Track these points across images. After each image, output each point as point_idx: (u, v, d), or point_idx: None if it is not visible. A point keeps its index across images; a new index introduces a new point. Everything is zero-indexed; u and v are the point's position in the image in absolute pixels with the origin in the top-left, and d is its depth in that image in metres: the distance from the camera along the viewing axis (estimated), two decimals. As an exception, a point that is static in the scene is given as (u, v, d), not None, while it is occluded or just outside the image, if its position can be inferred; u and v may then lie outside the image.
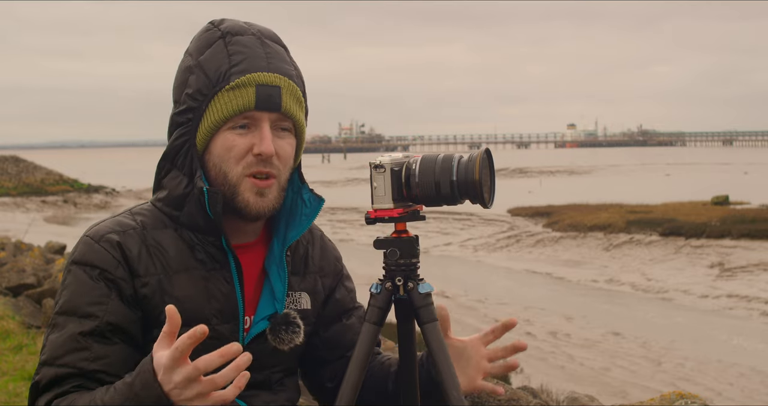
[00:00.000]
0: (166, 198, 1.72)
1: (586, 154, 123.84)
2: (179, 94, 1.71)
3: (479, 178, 1.67)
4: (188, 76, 1.69)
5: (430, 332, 1.73)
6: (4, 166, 51.93)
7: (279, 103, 1.67)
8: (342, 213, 33.10)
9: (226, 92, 1.65)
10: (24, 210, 37.70)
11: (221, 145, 1.68)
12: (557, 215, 27.27)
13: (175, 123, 1.71)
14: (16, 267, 9.15)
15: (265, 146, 1.66)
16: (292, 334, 1.73)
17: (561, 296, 16.19)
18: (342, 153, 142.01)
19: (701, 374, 10.78)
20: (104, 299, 1.63)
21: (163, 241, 1.70)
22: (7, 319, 7.40)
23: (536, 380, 9.67)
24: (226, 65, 1.66)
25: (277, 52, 1.72)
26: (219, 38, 1.69)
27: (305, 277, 1.85)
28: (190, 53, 1.72)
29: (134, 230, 1.69)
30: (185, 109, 1.69)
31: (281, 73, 1.69)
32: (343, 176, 65.00)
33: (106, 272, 1.65)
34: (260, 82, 1.66)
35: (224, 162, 1.68)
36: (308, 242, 1.90)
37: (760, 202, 29.02)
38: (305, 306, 1.83)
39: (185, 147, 1.69)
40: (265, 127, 1.67)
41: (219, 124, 1.67)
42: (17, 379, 5.88)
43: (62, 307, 1.65)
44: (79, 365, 1.60)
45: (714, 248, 20.56)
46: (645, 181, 50.99)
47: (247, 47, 1.68)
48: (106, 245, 1.66)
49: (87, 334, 1.61)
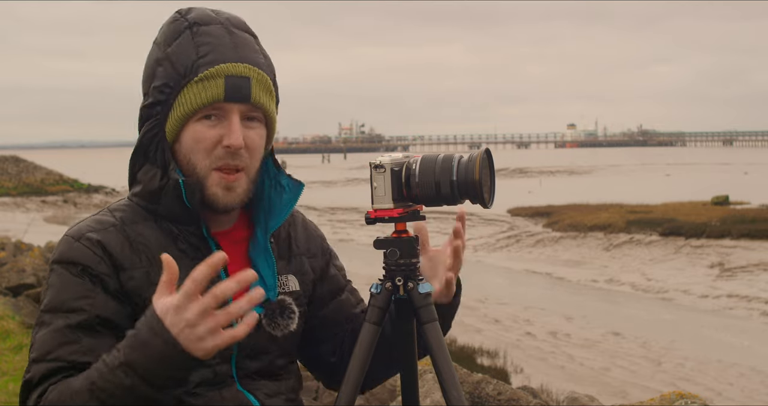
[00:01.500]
0: (142, 192, 1.71)
1: (586, 154, 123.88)
2: (147, 86, 1.69)
3: (479, 178, 1.67)
4: (156, 68, 1.68)
5: (430, 332, 1.73)
6: (4, 166, 51.96)
7: (248, 94, 1.65)
8: (342, 213, 33.10)
9: (195, 84, 1.64)
10: (24, 210, 37.71)
11: (190, 137, 1.66)
12: (557, 215, 27.28)
13: (144, 116, 1.70)
14: (16, 267, 9.15)
15: (234, 138, 1.64)
16: (287, 319, 1.72)
17: (561, 296, 16.19)
18: (342, 153, 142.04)
19: (701, 374, 10.78)
20: (90, 293, 1.62)
21: (145, 233, 1.69)
22: (7, 319, 7.41)
23: (536, 380, 9.67)
24: (193, 57, 1.64)
25: (245, 40, 1.70)
26: (186, 28, 1.67)
27: (291, 259, 1.84)
28: (158, 44, 1.70)
29: (114, 227, 1.68)
30: (153, 102, 1.67)
31: (250, 62, 1.67)
32: (343, 176, 65.01)
33: (89, 268, 1.63)
34: (229, 73, 1.64)
35: (193, 154, 1.66)
36: (290, 224, 1.88)
37: (760, 202, 29.02)
38: (293, 288, 1.82)
39: (156, 140, 1.68)
40: (234, 119, 1.66)
41: (188, 115, 1.65)
42: (17, 379, 5.89)
43: (47, 305, 1.63)
44: (70, 358, 1.58)
45: (714, 248, 20.56)
46: (645, 181, 51.01)
47: (215, 37, 1.66)
48: (86, 242, 1.65)
49: (75, 327, 1.60)
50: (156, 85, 1.67)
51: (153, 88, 1.67)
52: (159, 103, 1.67)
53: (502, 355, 11.34)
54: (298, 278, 1.84)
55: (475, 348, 11.56)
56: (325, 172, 71.19)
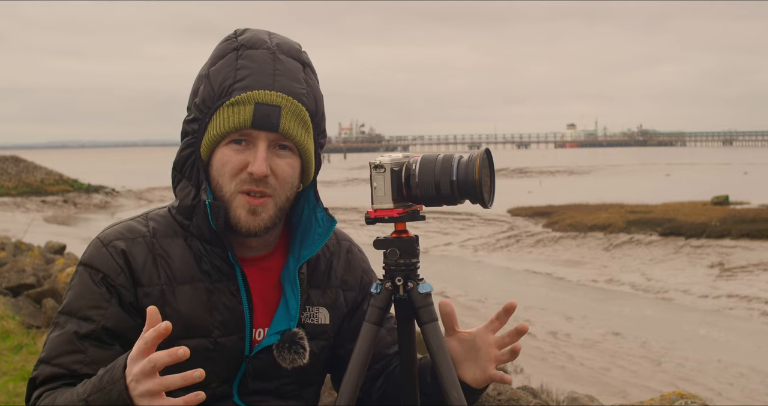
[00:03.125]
0: (179, 207, 1.73)
1: (586, 154, 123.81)
2: (190, 101, 1.72)
3: (479, 178, 1.67)
4: (199, 85, 1.70)
5: (430, 332, 1.73)
6: (4, 166, 51.90)
7: (277, 123, 1.65)
8: (342, 213, 33.09)
9: (227, 107, 1.64)
10: (24, 210, 37.68)
11: (219, 159, 1.67)
12: (557, 215, 27.26)
13: (185, 131, 1.72)
14: (16, 267, 9.15)
15: (257, 166, 1.65)
16: (294, 354, 1.72)
17: (561, 296, 16.18)
18: (342, 153, 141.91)
19: (701, 374, 10.78)
20: (104, 303, 1.66)
21: (171, 250, 1.71)
22: (7, 319, 7.41)
23: (536, 380, 9.67)
24: (231, 79, 1.65)
25: (289, 69, 1.68)
26: (233, 50, 1.68)
27: (326, 291, 1.84)
28: (208, 61, 1.72)
29: (143, 238, 1.71)
30: (192, 118, 1.70)
31: (285, 92, 1.66)
32: (343, 176, 64.99)
33: (108, 277, 1.67)
34: (260, 100, 1.64)
35: (221, 176, 1.67)
36: (333, 253, 1.88)
37: (760, 202, 29.01)
38: (323, 321, 1.82)
39: (191, 158, 1.70)
40: (260, 146, 1.66)
41: (218, 138, 1.66)
42: (17, 379, 5.88)
43: (65, 307, 1.69)
44: (72, 367, 1.64)
45: (714, 248, 20.55)
46: (645, 181, 50.97)
47: (256, 62, 1.66)
48: (111, 250, 1.69)
49: (84, 337, 1.65)
50: (196, 103, 1.69)
51: (194, 105, 1.69)
52: (197, 121, 1.69)
53: (502, 355, 11.32)
54: (330, 312, 1.84)
55: (475, 348, 11.54)
56: (325, 172, 71.16)
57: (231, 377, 1.73)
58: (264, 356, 1.74)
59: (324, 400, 4.76)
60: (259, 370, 1.74)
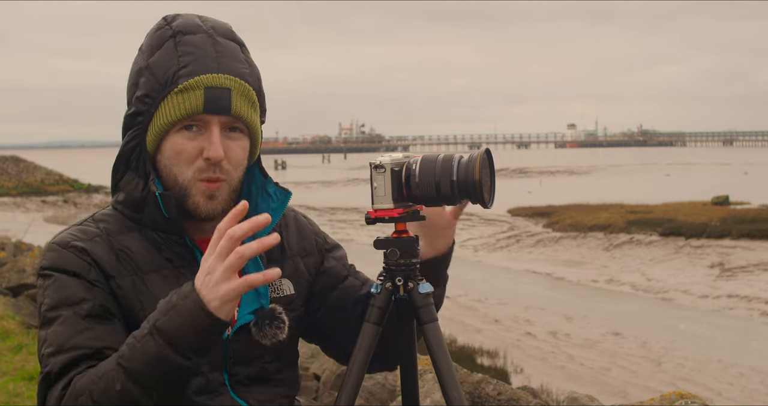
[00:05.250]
0: (126, 201, 1.70)
1: (586, 154, 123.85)
2: (131, 95, 1.68)
3: (479, 178, 1.67)
4: (139, 78, 1.67)
5: (430, 332, 1.73)
6: (4, 166, 51.93)
7: (228, 105, 1.64)
8: (342, 213, 33.10)
9: (174, 95, 1.62)
10: (24, 210, 37.71)
11: (171, 148, 1.65)
12: (557, 215, 27.28)
13: (127, 124, 1.69)
14: (16, 267, 9.15)
15: (213, 151, 1.64)
16: (275, 329, 1.70)
17: (561, 296, 16.19)
18: (342, 153, 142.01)
19: (701, 374, 10.78)
20: (88, 287, 1.62)
21: (129, 244, 1.68)
22: (7, 319, 7.41)
23: (536, 380, 9.67)
24: (174, 67, 1.63)
25: (229, 50, 1.68)
26: (170, 37, 1.66)
27: (284, 263, 1.83)
28: (142, 52, 1.69)
29: (99, 237, 1.68)
30: (135, 112, 1.67)
31: (232, 73, 1.65)
32: (343, 176, 65.02)
33: (79, 274, 1.63)
34: (209, 84, 1.62)
35: (174, 165, 1.66)
36: (281, 226, 1.87)
37: (760, 202, 29.03)
38: (288, 292, 1.81)
39: (137, 149, 1.68)
40: (214, 131, 1.65)
41: (168, 127, 1.64)
42: (17, 379, 5.88)
43: (50, 303, 1.61)
44: (89, 344, 1.55)
45: (714, 248, 20.56)
46: (645, 181, 51.00)
47: (197, 47, 1.65)
48: (73, 250, 1.64)
49: (86, 316, 1.59)
50: (138, 96, 1.66)
51: (135, 98, 1.66)
52: (141, 114, 1.66)
53: (502, 355, 11.35)
54: (293, 282, 1.83)
55: (475, 348, 11.57)
56: (325, 172, 71.11)
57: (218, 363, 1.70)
58: (241, 338, 1.72)
59: (324, 400, 4.77)
60: (239, 353, 1.72)
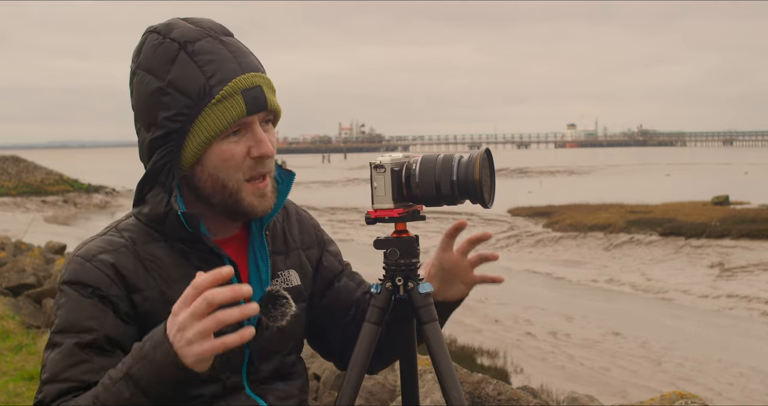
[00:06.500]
0: (150, 213, 1.69)
1: (586, 154, 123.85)
2: (154, 117, 1.64)
3: (479, 178, 1.67)
4: (160, 98, 1.63)
5: (430, 332, 1.73)
6: (4, 166, 51.91)
7: (264, 102, 1.65)
8: (342, 213, 33.09)
9: (214, 106, 1.61)
10: (24, 210, 37.70)
11: (218, 157, 1.65)
12: (557, 215, 27.27)
13: (154, 146, 1.66)
14: (16, 267, 9.15)
15: (265, 148, 1.65)
16: (281, 307, 1.72)
17: (561, 296, 16.19)
18: (342, 153, 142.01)
19: (701, 374, 10.78)
20: (100, 313, 1.61)
21: (156, 253, 1.68)
22: (7, 319, 7.41)
23: (536, 380, 9.67)
24: (202, 79, 1.61)
25: (238, 47, 1.68)
26: (179, 50, 1.63)
27: (289, 254, 1.84)
28: (151, 72, 1.65)
29: (125, 248, 1.67)
30: (166, 132, 1.64)
31: (253, 69, 1.66)
32: (343, 176, 65.01)
33: (99, 290, 1.62)
34: (243, 86, 1.63)
35: (222, 172, 1.65)
36: (284, 219, 1.88)
37: (760, 202, 29.02)
38: (295, 283, 1.82)
39: (167, 166, 1.66)
40: (257, 129, 1.66)
41: (211, 139, 1.63)
42: (17, 379, 5.89)
43: (59, 326, 1.62)
44: (82, 377, 1.57)
45: (714, 248, 20.55)
46: (645, 181, 50.98)
47: (213, 53, 1.64)
48: (98, 264, 1.64)
49: (86, 346, 1.59)
50: (167, 116, 1.63)
51: (164, 119, 1.63)
52: (173, 132, 1.63)
53: (502, 355, 11.34)
54: (299, 273, 1.84)
55: (475, 348, 11.56)
56: (325, 172, 71.11)
57: (238, 365, 1.71)
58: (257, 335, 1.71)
59: (324, 400, 4.77)
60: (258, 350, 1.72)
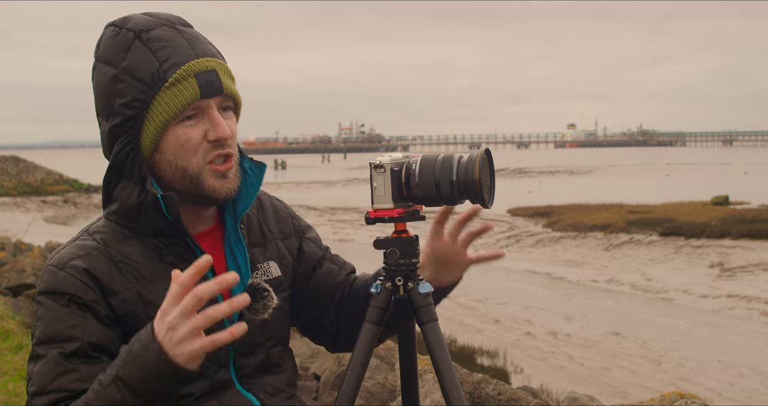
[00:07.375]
0: (120, 210, 1.69)
1: (586, 154, 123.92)
2: (111, 105, 1.65)
3: (479, 178, 1.67)
4: (116, 85, 1.64)
5: (430, 332, 1.73)
6: (4, 166, 51.94)
7: (220, 86, 1.65)
8: (342, 213, 33.09)
9: (167, 90, 1.62)
10: (24, 210, 37.69)
11: (174, 142, 1.65)
12: (557, 215, 27.27)
13: (114, 136, 1.66)
14: (16, 267, 9.15)
15: (221, 131, 1.65)
16: (263, 300, 1.71)
17: (561, 296, 16.19)
18: (342, 153, 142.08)
19: (701, 374, 10.78)
20: (80, 321, 1.60)
21: (129, 252, 1.67)
22: (7, 319, 7.41)
23: (536, 380, 9.67)
24: (155, 64, 1.62)
25: (194, 35, 1.69)
26: (134, 38, 1.64)
27: (266, 246, 1.84)
28: (108, 62, 1.66)
29: (97, 250, 1.66)
30: (123, 119, 1.64)
31: (208, 55, 1.67)
32: (343, 176, 65.03)
33: (76, 296, 1.61)
34: (197, 70, 1.63)
35: (180, 157, 1.65)
36: (258, 210, 1.88)
37: (760, 202, 29.02)
38: (276, 274, 1.82)
39: (130, 156, 1.65)
40: (213, 113, 1.66)
41: (167, 122, 1.63)
42: (17, 379, 5.89)
43: (40, 338, 1.61)
44: (70, 386, 1.56)
45: (714, 248, 20.55)
46: (645, 181, 50.99)
47: (167, 40, 1.64)
48: (71, 270, 1.62)
49: (70, 355, 1.58)
50: (123, 103, 1.63)
51: (120, 106, 1.63)
52: (130, 119, 1.64)
53: (502, 355, 11.34)
54: (278, 263, 1.84)
55: (475, 348, 11.56)
56: (325, 172, 71.11)
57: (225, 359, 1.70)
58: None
59: (324, 400, 4.77)
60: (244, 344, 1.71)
